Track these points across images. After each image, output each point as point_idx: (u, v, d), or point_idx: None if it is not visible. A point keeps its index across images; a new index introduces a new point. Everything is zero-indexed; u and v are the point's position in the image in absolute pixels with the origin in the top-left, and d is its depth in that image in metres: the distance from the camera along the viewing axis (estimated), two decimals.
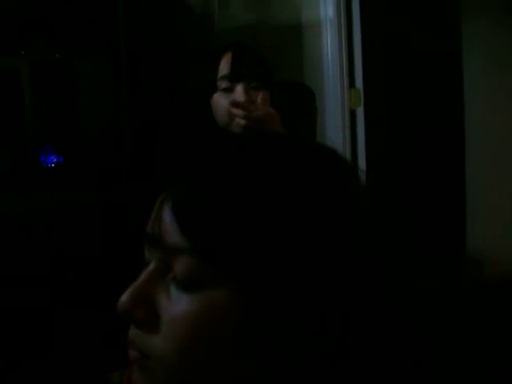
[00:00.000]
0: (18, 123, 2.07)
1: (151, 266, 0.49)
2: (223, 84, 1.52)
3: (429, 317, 0.60)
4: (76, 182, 2.05)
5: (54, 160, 2.14)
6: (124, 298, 0.48)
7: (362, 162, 2.25)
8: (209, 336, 0.46)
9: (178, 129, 1.70)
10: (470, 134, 3.37)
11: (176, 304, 0.47)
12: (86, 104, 2.19)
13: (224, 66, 1.53)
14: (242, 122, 1.45)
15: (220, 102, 1.53)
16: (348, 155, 2.21)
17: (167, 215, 0.47)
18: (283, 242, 0.45)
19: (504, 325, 2.57)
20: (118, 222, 1.94)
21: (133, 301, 0.48)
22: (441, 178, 3.30)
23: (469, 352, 2.36)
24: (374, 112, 2.40)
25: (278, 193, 0.46)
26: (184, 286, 0.46)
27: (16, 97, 2.06)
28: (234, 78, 1.51)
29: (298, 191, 0.47)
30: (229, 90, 1.52)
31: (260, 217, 0.45)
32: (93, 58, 2.18)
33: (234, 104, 1.45)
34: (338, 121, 2.19)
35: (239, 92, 1.49)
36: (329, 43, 2.20)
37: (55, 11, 2.09)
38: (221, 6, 2.05)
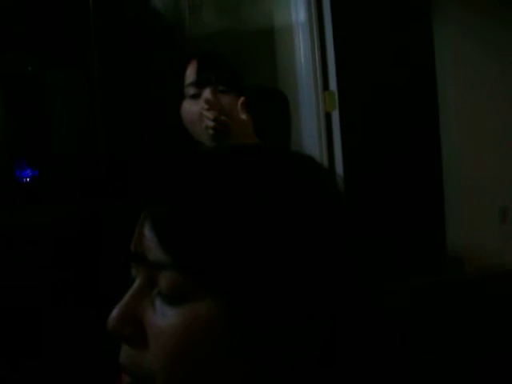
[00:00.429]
0: None
1: (137, 283, 0.49)
2: (191, 91, 1.53)
3: (410, 315, 0.60)
4: (51, 196, 2.03)
5: (29, 174, 2.11)
6: (112, 315, 0.48)
7: (338, 165, 2.25)
8: (196, 349, 0.46)
9: (152, 139, 1.69)
10: (446, 132, 3.41)
11: (162, 318, 0.46)
12: (59, 116, 2.17)
13: (190, 74, 1.54)
14: (211, 124, 1.43)
15: (188, 108, 1.53)
16: (324, 158, 2.21)
17: (148, 232, 0.48)
18: (262, 252, 0.45)
19: (485, 322, 2.59)
20: (94, 236, 1.92)
21: (120, 318, 0.48)
22: (418, 177, 3.32)
23: (451, 349, 2.37)
24: (349, 115, 2.41)
25: (255, 204, 0.46)
26: (169, 300, 0.46)
27: None
28: (200, 83, 1.52)
29: (274, 200, 0.47)
30: (196, 96, 1.52)
31: (237, 229, 0.45)
32: (65, 69, 2.17)
33: (206, 102, 1.44)
34: (314, 124, 2.19)
35: (207, 95, 1.49)
36: (301, 47, 2.20)
37: (26, 24, 2.07)
38: (192, 13, 2.04)
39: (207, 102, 1.48)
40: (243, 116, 1.46)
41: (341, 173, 2.24)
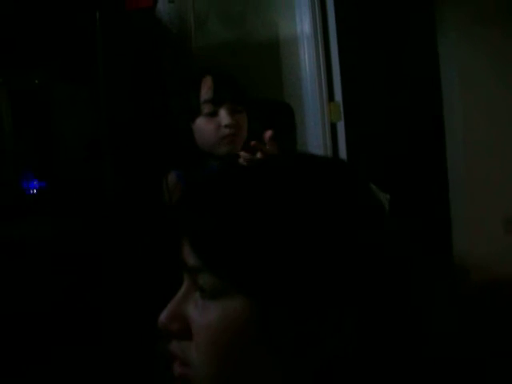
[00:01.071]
0: None
1: (183, 286, 0.56)
2: (206, 108, 1.56)
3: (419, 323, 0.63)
4: (58, 208, 2.04)
5: (36, 186, 2.12)
6: (162, 315, 0.55)
7: None
8: (230, 341, 0.51)
9: (159, 153, 1.71)
10: (451, 143, 3.41)
11: (201, 314, 0.53)
12: (66, 129, 2.18)
13: (206, 91, 1.56)
14: (229, 141, 1.53)
15: (204, 125, 1.57)
16: None
17: (186, 243, 0.54)
18: (285, 254, 0.50)
19: (490, 331, 2.58)
20: (99, 249, 1.93)
21: (168, 317, 0.55)
22: (424, 187, 3.32)
23: (454, 356, 2.36)
24: (354, 125, 2.42)
25: (281, 211, 0.51)
26: (207, 296, 0.53)
27: None
28: (217, 101, 1.55)
29: (299, 205, 0.51)
30: (213, 114, 1.55)
31: (260, 235, 0.50)
32: (72, 83, 2.18)
33: (225, 121, 1.52)
34: (319, 135, 2.20)
35: (224, 115, 1.53)
36: (306, 58, 2.21)
37: (33, 39, 2.09)
38: (197, 26, 2.06)
39: (225, 120, 1.52)
40: (272, 148, 1.49)
41: None
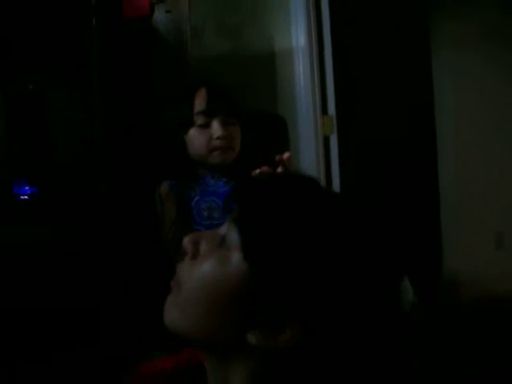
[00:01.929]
0: None
1: (216, 236, 0.67)
2: (199, 120, 1.57)
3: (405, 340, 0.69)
4: (50, 214, 2.04)
5: (28, 191, 2.12)
6: (188, 236, 0.68)
7: (336, 189, 2.26)
8: (216, 284, 0.63)
9: (152, 162, 1.71)
10: (443, 159, 3.43)
11: (212, 253, 0.65)
12: (59, 135, 2.18)
13: (199, 102, 1.57)
14: (221, 154, 1.54)
15: (197, 137, 1.58)
16: (322, 182, 2.23)
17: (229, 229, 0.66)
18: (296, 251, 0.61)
19: (479, 348, 2.59)
20: (93, 255, 1.93)
21: (191, 238, 0.68)
22: (415, 203, 3.33)
23: (444, 374, 2.36)
24: (347, 139, 2.43)
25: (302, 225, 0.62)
26: (225, 246, 0.65)
27: None
28: (210, 113, 1.56)
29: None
30: (205, 126, 1.57)
31: (285, 241, 0.61)
32: (66, 89, 2.19)
33: (217, 134, 1.53)
34: (312, 148, 2.21)
35: (216, 127, 1.54)
36: (301, 71, 2.23)
37: (28, 44, 2.09)
38: (194, 36, 2.07)
39: (218, 132, 1.53)
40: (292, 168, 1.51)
41: None
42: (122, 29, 2.09)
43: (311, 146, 2.21)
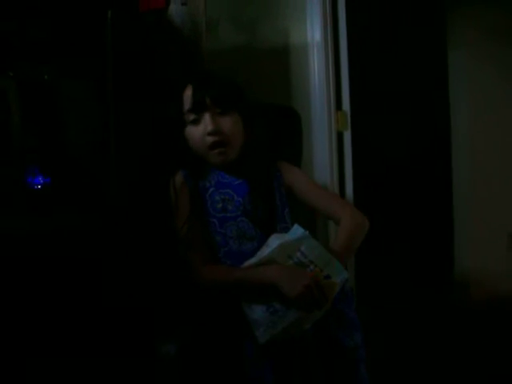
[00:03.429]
0: (5, 144, 2.06)
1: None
2: (190, 116, 1.56)
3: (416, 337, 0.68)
4: (63, 204, 2.04)
5: (41, 181, 2.13)
6: None
7: (349, 185, 2.25)
8: None
9: (165, 152, 1.71)
10: (458, 157, 3.40)
11: None
12: (73, 126, 2.19)
13: (187, 99, 1.57)
14: (221, 156, 1.57)
15: (191, 134, 1.58)
16: (335, 177, 2.22)
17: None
18: None
19: (489, 347, 2.57)
20: (103, 247, 1.93)
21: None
22: (428, 200, 3.31)
23: (455, 373, 2.35)
24: (361, 135, 2.42)
25: None
26: None
27: (2, 117, 2.06)
28: (198, 109, 1.55)
29: None
30: (197, 121, 1.56)
31: None
32: (81, 80, 2.19)
33: (206, 129, 1.55)
34: (325, 143, 2.20)
35: (207, 121, 1.54)
36: (316, 66, 2.21)
37: (44, 33, 2.10)
38: (209, 29, 2.06)
39: (208, 127, 1.52)
40: None
41: (351, 192, 2.24)
42: (138, 20, 2.09)
43: (324, 142, 2.20)
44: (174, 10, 2.16)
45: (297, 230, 1.50)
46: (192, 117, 1.57)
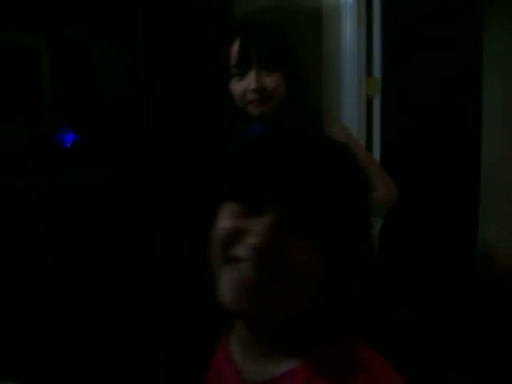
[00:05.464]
0: (36, 102, 2.08)
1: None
2: (235, 71, 1.54)
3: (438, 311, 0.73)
4: (92, 162, 2.07)
5: (71, 139, 2.15)
6: None
7: (376, 151, 2.24)
8: None
9: (197, 112, 1.71)
10: (487, 126, 3.35)
11: None
12: (103, 86, 2.20)
13: (234, 54, 1.55)
14: (258, 107, 1.53)
15: (234, 89, 1.57)
16: (363, 144, 2.21)
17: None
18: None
19: None
20: (131, 206, 1.95)
21: None
22: (455, 172, 3.28)
23: (478, 346, 2.36)
24: (391, 102, 2.39)
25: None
26: None
27: (34, 76, 2.07)
28: (243, 65, 1.54)
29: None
30: (241, 76, 1.55)
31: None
32: (111, 41, 2.19)
33: (250, 86, 1.52)
34: (355, 109, 2.18)
35: (251, 79, 1.52)
36: (347, 30, 2.18)
37: None
38: None
39: (251, 85, 1.51)
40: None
41: (377, 159, 2.23)
42: None
43: (354, 107, 2.18)
44: None
45: None
46: (236, 71, 1.56)
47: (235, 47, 1.55)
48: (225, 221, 0.68)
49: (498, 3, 3.23)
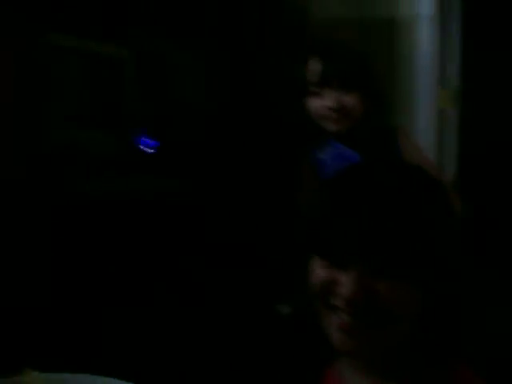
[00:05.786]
0: (120, 109, 2.16)
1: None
2: (312, 88, 1.55)
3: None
4: (171, 168, 2.11)
5: (152, 144, 2.20)
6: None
7: (450, 164, 2.18)
8: None
9: (272, 124, 1.72)
10: None
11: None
12: (186, 96, 2.25)
13: (313, 69, 1.55)
14: (335, 124, 1.54)
15: (312, 104, 1.57)
16: (435, 157, 2.15)
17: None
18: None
19: None
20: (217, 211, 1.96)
21: None
22: None
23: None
24: (469, 114, 2.32)
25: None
26: None
27: (119, 85, 2.15)
28: (322, 84, 1.54)
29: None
30: (318, 94, 1.55)
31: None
32: (192, 51, 2.25)
33: (329, 106, 1.53)
34: (426, 121, 2.13)
35: (331, 97, 1.52)
36: (424, 41, 2.15)
37: (166, 8, 2.18)
38: (315, 0, 2.06)
39: (329, 103, 1.51)
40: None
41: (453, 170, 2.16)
42: None
43: (426, 119, 2.13)
44: None
45: None
46: (315, 89, 1.56)
47: (315, 66, 1.55)
48: (317, 272, 0.71)
49: None
